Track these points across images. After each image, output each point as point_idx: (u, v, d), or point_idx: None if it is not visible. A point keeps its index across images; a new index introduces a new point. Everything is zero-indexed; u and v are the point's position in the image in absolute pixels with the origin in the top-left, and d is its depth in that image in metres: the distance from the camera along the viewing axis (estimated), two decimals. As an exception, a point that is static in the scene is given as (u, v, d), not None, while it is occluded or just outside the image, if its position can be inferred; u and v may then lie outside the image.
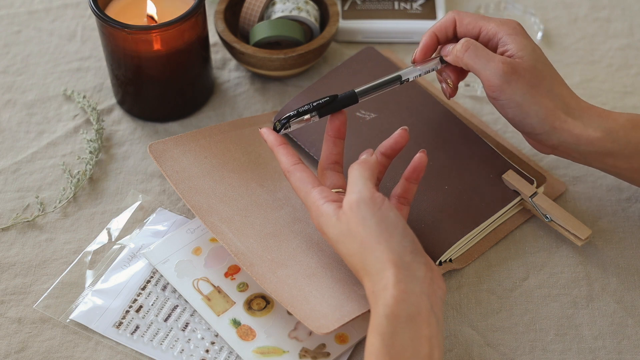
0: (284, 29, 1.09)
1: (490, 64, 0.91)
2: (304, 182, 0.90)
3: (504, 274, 0.97)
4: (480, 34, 0.94)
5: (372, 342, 0.80)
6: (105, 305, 0.95)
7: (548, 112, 0.90)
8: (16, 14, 1.22)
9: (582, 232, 0.96)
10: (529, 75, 0.90)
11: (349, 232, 0.84)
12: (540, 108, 0.90)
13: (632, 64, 1.14)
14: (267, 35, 1.09)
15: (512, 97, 0.91)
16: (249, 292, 0.95)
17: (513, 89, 0.90)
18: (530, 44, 0.92)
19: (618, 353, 0.91)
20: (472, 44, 0.92)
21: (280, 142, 0.92)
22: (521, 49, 0.91)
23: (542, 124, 0.91)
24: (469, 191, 0.98)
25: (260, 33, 1.09)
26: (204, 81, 1.11)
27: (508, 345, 0.92)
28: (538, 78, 0.91)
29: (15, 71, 1.16)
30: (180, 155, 1.00)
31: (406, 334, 0.80)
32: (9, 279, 0.98)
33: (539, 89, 0.91)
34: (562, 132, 0.91)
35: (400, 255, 0.83)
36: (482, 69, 0.91)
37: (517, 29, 0.93)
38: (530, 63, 0.91)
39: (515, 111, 0.91)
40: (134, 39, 1.02)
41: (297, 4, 1.10)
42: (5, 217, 1.03)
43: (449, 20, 0.95)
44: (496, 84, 0.91)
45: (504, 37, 0.92)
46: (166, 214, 1.02)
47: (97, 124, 1.09)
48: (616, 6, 1.20)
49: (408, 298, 0.81)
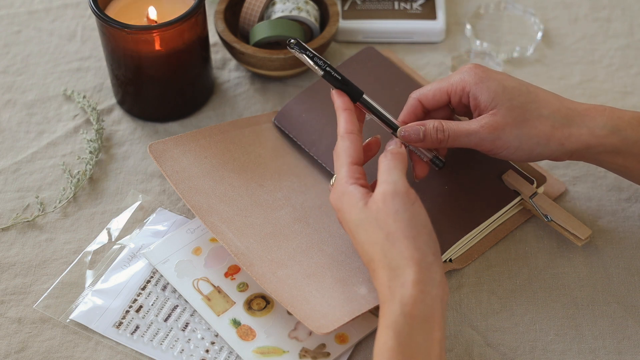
0: (283, 29, 1.09)
1: (472, 137, 0.90)
2: (347, 152, 0.89)
3: (504, 274, 0.97)
4: (450, 96, 0.93)
5: (385, 340, 0.80)
6: (105, 305, 0.95)
7: (549, 136, 0.90)
8: (16, 14, 1.22)
9: (582, 232, 0.96)
10: (511, 119, 0.90)
11: (375, 221, 0.84)
12: (539, 137, 0.90)
13: (632, 64, 1.14)
14: (266, 35, 1.09)
15: (509, 145, 0.90)
16: (249, 292, 0.95)
17: (505, 140, 0.90)
18: (498, 85, 0.90)
19: (618, 353, 0.91)
20: (442, 132, 0.90)
21: (346, 106, 0.91)
22: (491, 97, 0.90)
23: (549, 149, 0.90)
24: (469, 191, 0.98)
25: (260, 33, 1.09)
26: (204, 81, 1.11)
27: (508, 346, 0.92)
28: (521, 113, 0.90)
29: (15, 71, 1.16)
30: (180, 155, 1.00)
31: (420, 335, 0.80)
32: (9, 279, 0.98)
33: (528, 122, 0.90)
34: (570, 144, 0.90)
35: (425, 255, 0.83)
36: (468, 144, 0.91)
37: (480, 74, 0.91)
38: (506, 105, 0.90)
39: (519, 153, 0.91)
40: (134, 39, 1.02)
41: (297, 4, 1.10)
42: (5, 217, 1.03)
43: (414, 105, 0.94)
44: (489, 148, 0.91)
45: (472, 89, 0.91)
46: (166, 214, 1.02)
47: (97, 124, 1.09)
48: (616, 6, 1.20)
49: (425, 299, 0.81)
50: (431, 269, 0.83)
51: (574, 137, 0.90)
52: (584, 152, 0.91)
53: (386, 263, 0.83)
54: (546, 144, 0.90)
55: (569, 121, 0.90)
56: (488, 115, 0.90)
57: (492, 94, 0.90)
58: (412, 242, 0.83)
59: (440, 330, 0.81)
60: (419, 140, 0.91)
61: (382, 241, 0.83)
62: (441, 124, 0.91)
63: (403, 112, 0.95)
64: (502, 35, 1.18)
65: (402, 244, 0.83)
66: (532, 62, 1.15)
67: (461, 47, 1.17)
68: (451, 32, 1.19)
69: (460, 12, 1.20)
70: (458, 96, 0.92)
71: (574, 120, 0.90)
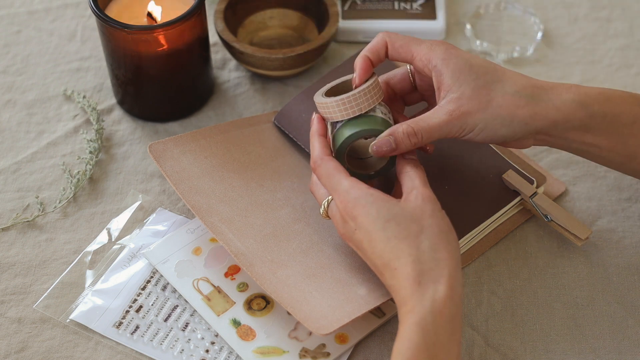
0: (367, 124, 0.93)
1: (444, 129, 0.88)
2: (337, 170, 0.89)
3: (504, 274, 0.97)
4: (414, 58, 0.91)
5: (410, 337, 0.80)
6: (105, 305, 0.95)
7: (512, 115, 0.88)
8: (16, 14, 1.22)
9: (582, 232, 0.96)
10: (477, 102, 0.88)
11: (411, 216, 0.84)
12: (503, 118, 0.88)
13: (632, 64, 1.14)
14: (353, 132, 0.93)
15: (475, 127, 0.89)
16: (249, 292, 0.95)
17: (472, 124, 0.88)
18: (464, 63, 0.89)
19: (618, 353, 0.91)
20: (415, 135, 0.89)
21: (321, 132, 0.92)
22: (456, 75, 0.89)
23: (512, 129, 0.89)
24: (469, 191, 0.98)
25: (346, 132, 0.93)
26: (204, 81, 1.11)
27: (509, 346, 0.92)
28: (486, 93, 0.88)
29: (15, 71, 1.16)
30: (180, 155, 1.00)
31: (446, 333, 0.80)
32: (9, 279, 0.98)
33: (492, 102, 0.88)
34: (534, 122, 0.88)
35: (456, 252, 0.84)
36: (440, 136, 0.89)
37: (448, 50, 0.90)
38: (471, 86, 0.88)
39: (483, 135, 0.89)
40: (134, 39, 1.02)
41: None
42: (5, 217, 1.03)
43: (380, 43, 0.92)
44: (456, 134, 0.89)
45: (437, 64, 0.89)
46: (166, 214, 1.02)
47: (97, 124, 1.09)
48: (616, 6, 1.20)
49: (454, 297, 0.82)
50: (459, 268, 0.84)
51: (539, 115, 0.88)
52: (551, 130, 0.89)
53: (417, 256, 0.83)
54: (509, 124, 0.88)
55: (534, 98, 0.88)
56: (454, 101, 0.88)
57: (457, 73, 0.89)
58: (445, 238, 0.84)
59: (460, 331, 0.82)
60: (393, 150, 0.89)
61: (416, 234, 0.84)
62: (410, 127, 0.89)
63: (369, 46, 0.92)
64: (502, 35, 1.18)
65: (436, 238, 0.83)
66: (532, 62, 1.15)
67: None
68: (451, 32, 1.19)
69: (460, 12, 1.20)
70: (422, 64, 0.90)
71: (539, 96, 0.88)
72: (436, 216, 0.85)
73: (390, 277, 0.84)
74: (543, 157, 1.05)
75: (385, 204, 0.86)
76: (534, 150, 1.06)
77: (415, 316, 0.80)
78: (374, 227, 0.85)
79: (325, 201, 0.90)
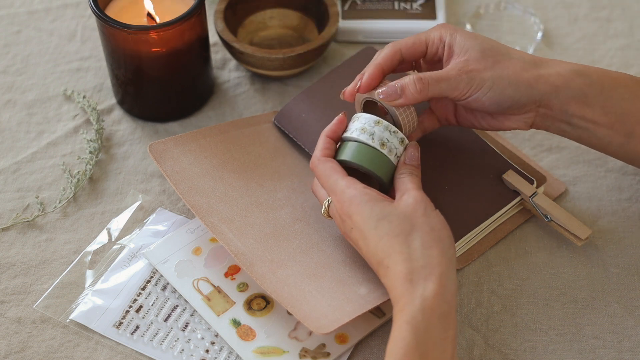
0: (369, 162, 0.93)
1: (451, 82, 0.91)
2: (335, 170, 0.90)
3: (504, 274, 0.97)
4: (427, 46, 0.94)
5: (402, 336, 0.80)
6: (105, 305, 0.95)
7: (518, 76, 0.91)
8: (16, 14, 1.22)
9: (582, 232, 0.96)
10: (484, 60, 0.91)
11: (403, 215, 0.85)
12: (510, 77, 0.91)
13: (632, 64, 1.14)
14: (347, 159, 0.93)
15: (483, 85, 0.91)
16: (249, 292, 0.95)
17: (480, 81, 0.91)
18: (470, 35, 0.93)
19: (618, 353, 0.91)
20: (421, 81, 0.91)
21: (332, 134, 0.93)
22: (465, 42, 0.92)
23: (519, 91, 0.91)
24: (469, 191, 0.98)
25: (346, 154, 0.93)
26: (204, 81, 1.11)
27: (509, 346, 0.92)
28: (493, 54, 0.91)
29: (15, 71, 1.16)
30: (180, 155, 1.00)
31: (437, 331, 0.81)
32: (9, 279, 0.98)
33: (499, 63, 0.91)
34: (538, 85, 0.91)
35: (447, 250, 0.84)
36: (446, 90, 0.91)
37: (454, 27, 0.94)
38: (477, 49, 0.92)
39: (491, 94, 0.91)
40: (134, 39, 1.02)
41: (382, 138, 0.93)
42: (5, 217, 1.03)
43: (394, 51, 0.94)
44: (463, 92, 0.91)
45: (448, 38, 0.93)
46: (166, 214, 1.02)
47: (97, 124, 1.09)
48: (616, 6, 1.20)
49: (445, 294, 0.82)
50: (451, 266, 0.84)
51: (542, 78, 0.91)
52: (552, 99, 0.91)
53: (408, 255, 0.83)
54: (516, 84, 0.91)
55: (537, 64, 0.92)
56: (462, 61, 0.91)
57: (466, 40, 0.92)
58: (438, 237, 0.84)
59: (454, 328, 0.82)
60: (398, 97, 0.91)
61: (408, 232, 0.85)
62: (418, 74, 0.91)
63: (382, 56, 0.94)
64: (502, 35, 1.18)
65: (427, 237, 0.84)
66: (532, 62, 1.15)
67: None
68: (451, 32, 1.19)
69: (460, 12, 1.20)
70: (435, 46, 0.94)
71: (541, 63, 0.92)
72: (428, 215, 0.86)
73: (384, 276, 0.85)
74: (543, 157, 1.05)
75: (378, 203, 0.87)
76: (534, 150, 1.06)
77: (406, 315, 0.81)
78: (367, 226, 0.86)
79: (326, 201, 0.91)
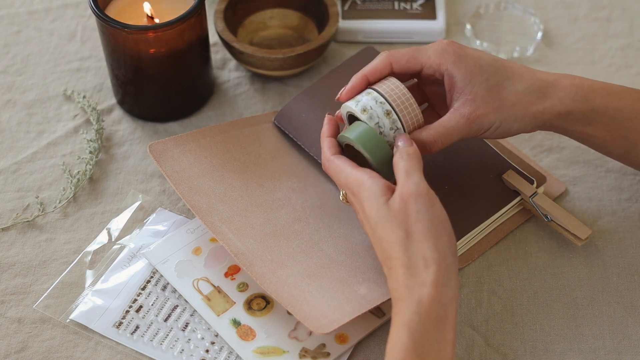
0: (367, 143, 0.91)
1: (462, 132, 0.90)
2: (346, 164, 0.89)
3: (504, 274, 0.97)
4: (424, 67, 0.93)
5: (400, 338, 0.80)
6: (105, 305, 0.95)
7: (524, 112, 0.91)
8: (16, 14, 1.22)
9: (582, 232, 0.96)
10: (490, 101, 0.90)
11: (396, 220, 0.84)
12: (516, 115, 0.91)
13: (632, 64, 1.14)
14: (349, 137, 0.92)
15: (491, 126, 0.91)
16: (249, 292, 0.95)
17: (488, 123, 0.91)
18: (474, 64, 0.91)
19: (618, 353, 0.91)
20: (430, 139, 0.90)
21: (331, 134, 0.92)
22: (468, 77, 0.91)
23: (524, 124, 0.91)
24: (469, 191, 0.98)
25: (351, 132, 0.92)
26: (204, 81, 1.11)
27: (509, 346, 0.92)
28: (498, 92, 0.91)
29: (15, 71, 1.16)
30: (180, 155, 1.00)
31: (434, 335, 0.80)
32: (9, 279, 0.98)
33: (505, 101, 0.90)
34: (543, 116, 0.91)
35: (444, 256, 0.83)
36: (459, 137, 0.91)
37: (457, 52, 0.91)
38: (483, 86, 0.90)
39: (499, 131, 0.92)
40: (134, 39, 1.02)
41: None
42: (5, 217, 1.03)
43: (383, 62, 0.92)
44: (473, 134, 0.91)
45: (448, 68, 0.91)
46: (166, 214, 1.02)
47: (97, 124, 1.09)
48: (616, 6, 1.20)
49: (441, 300, 0.81)
50: (449, 270, 0.83)
51: (547, 109, 0.91)
52: (555, 122, 0.92)
53: (405, 262, 0.83)
54: (522, 119, 0.91)
55: (543, 93, 0.91)
56: (468, 103, 0.90)
57: (469, 74, 0.91)
58: (433, 243, 0.83)
59: (453, 331, 0.82)
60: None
61: (402, 240, 0.83)
62: (431, 135, 0.90)
63: (370, 66, 0.93)
64: (502, 35, 1.18)
65: (423, 244, 0.83)
66: (532, 62, 1.15)
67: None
68: (451, 32, 1.19)
69: (460, 12, 1.20)
70: (432, 70, 0.92)
71: (546, 91, 0.91)
72: (422, 220, 0.83)
73: (387, 275, 0.85)
74: (543, 157, 1.05)
75: (375, 203, 0.85)
76: (534, 150, 1.06)
77: (402, 318, 0.81)
78: (370, 227, 0.86)
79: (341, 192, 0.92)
